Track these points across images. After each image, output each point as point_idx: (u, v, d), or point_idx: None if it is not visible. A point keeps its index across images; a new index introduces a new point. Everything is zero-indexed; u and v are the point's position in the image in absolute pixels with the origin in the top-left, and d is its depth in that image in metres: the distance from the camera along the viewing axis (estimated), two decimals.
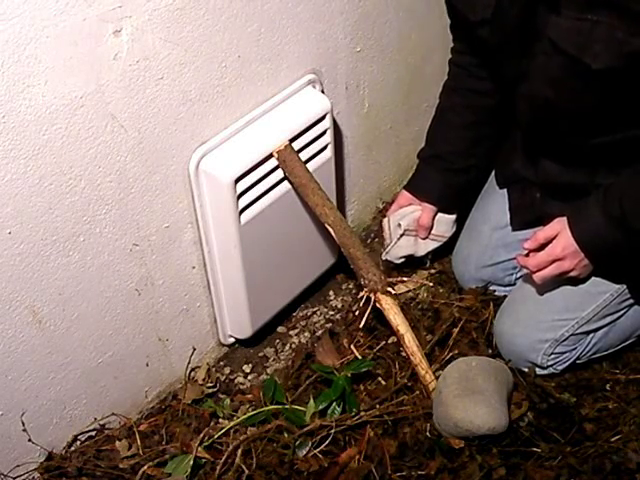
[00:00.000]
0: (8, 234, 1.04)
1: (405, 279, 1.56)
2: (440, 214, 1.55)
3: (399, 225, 1.53)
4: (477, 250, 1.54)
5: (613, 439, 1.30)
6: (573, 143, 1.25)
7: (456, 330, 1.48)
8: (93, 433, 1.34)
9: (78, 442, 1.33)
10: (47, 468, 1.27)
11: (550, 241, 1.26)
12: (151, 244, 1.26)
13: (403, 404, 1.33)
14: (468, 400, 1.23)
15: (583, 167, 1.29)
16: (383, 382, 1.42)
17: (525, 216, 1.45)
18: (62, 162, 1.05)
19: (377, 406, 1.33)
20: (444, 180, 1.50)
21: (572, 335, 1.36)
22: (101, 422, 1.35)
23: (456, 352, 1.43)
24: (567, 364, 1.40)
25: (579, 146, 1.25)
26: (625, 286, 1.33)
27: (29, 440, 1.23)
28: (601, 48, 1.06)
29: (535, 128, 1.31)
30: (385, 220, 1.57)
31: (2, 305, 1.09)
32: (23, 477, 1.25)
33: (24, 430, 1.22)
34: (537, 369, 1.40)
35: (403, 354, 1.41)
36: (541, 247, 1.27)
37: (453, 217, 1.58)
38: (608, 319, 1.37)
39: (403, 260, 1.59)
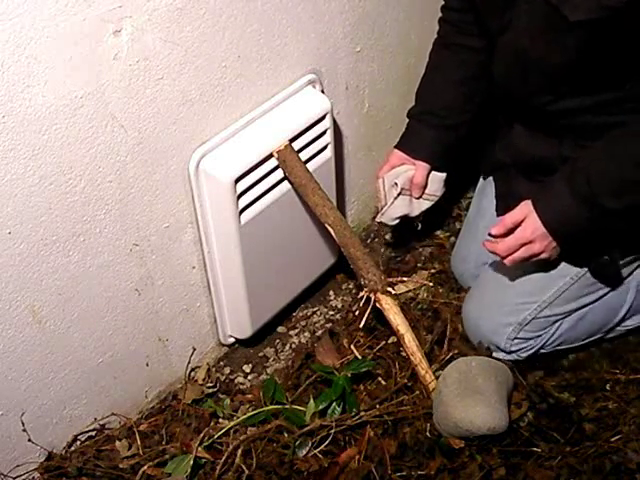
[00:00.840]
0: (8, 234, 1.04)
1: (405, 279, 1.56)
2: (432, 173, 1.52)
3: (395, 184, 1.49)
4: (475, 248, 1.54)
5: (613, 439, 1.31)
6: (541, 105, 1.23)
7: (455, 329, 1.48)
8: (93, 433, 1.34)
9: (78, 442, 1.33)
10: (47, 468, 1.27)
11: (519, 224, 1.24)
12: (151, 244, 1.26)
13: (403, 404, 1.33)
14: (468, 400, 1.23)
15: (549, 137, 1.28)
16: (383, 382, 1.42)
17: (507, 201, 1.44)
18: (62, 162, 1.05)
19: (377, 406, 1.33)
20: (437, 136, 1.47)
21: (534, 319, 1.38)
22: (101, 422, 1.35)
23: (456, 352, 1.43)
24: (531, 352, 1.42)
25: (547, 110, 1.23)
26: (586, 270, 1.33)
27: (29, 440, 1.23)
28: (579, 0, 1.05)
29: (506, 84, 1.28)
30: (380, 181, 1.51)
31: (2, 305, 1.09)
32: (23, 477, 1.25)
33: (24, 430, 1.22)
34: (501, 354, 1.42)
35: (403, 354, 1.41)
36: (510, 231, 1.25)
37: (444, 175, 1.54)
38: (572, 305, 1.38)
39: (397, 222, 1.54)
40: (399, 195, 1.50)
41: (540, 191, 1.23)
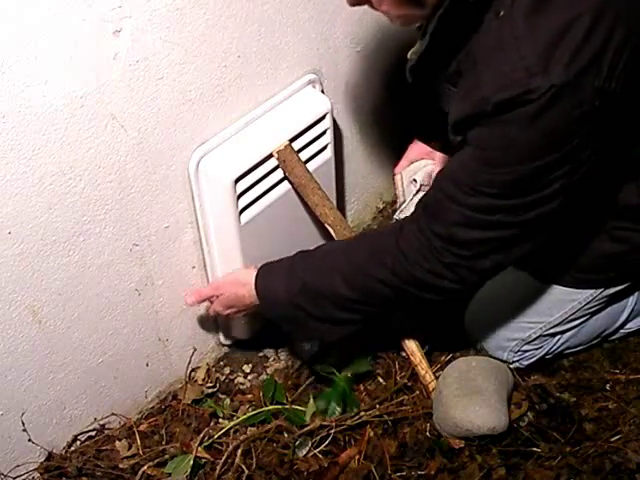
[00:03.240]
0: (8, 234, 1.04)
1: None
2: None
3: (414, 181, 1.45)
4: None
5: (613, 439, 1.31)
6: None
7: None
8: (93, 433, 1.34)
9: (78, 442, 1.33)
10: (47, 468, 1.27)
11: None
12: (151, 244, 1.26)
13: (403, 404, 1.34)
14: (468, 400, 1.23)
15: None
16: (383, 382, 1.42)
17: None
18: (62, 162, 1.05)
19: (377, 406, 1.33)
20: None
21: (540, 336, 1.38)
22: (101, 422, 1.35)
23: (456, 352, 1.43)
24: (533, 360, 1.42)
25: None
26: (593, 295, 1.33)
27: (29, 440, 1.23)
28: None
29: None
30: (397, 177, 1.48)
31: (2, 305, 1.09)
32: (23, 477, 1.25)
33: (24, 430, 1.22)
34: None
35: (403, 354, 1.41)
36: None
37: None
38: (576, 322, 1.38)
39: None
40: (418, 192, 1.46)
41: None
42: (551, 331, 1.38)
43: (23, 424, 1.21)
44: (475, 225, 1.02)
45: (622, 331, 1.48)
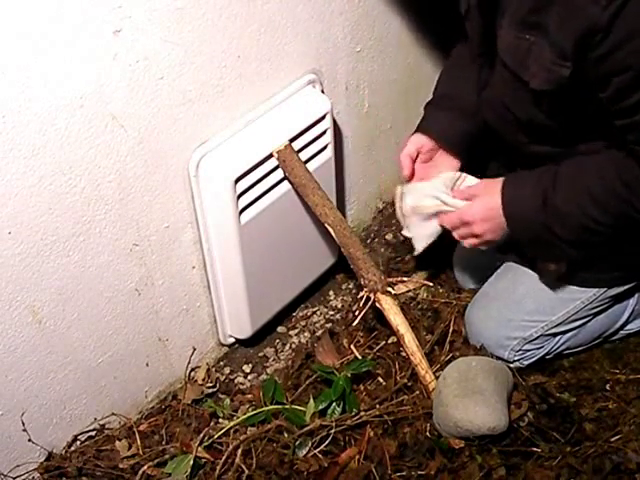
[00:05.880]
0: (8, 234, 1.04)
1: (405, 279, 1.56)
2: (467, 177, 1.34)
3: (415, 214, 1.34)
4: (476, 254, 1.54)
5: (613, 439, 1.31)
6: (540, 152, 1.24)
7: (455, 329, 1.48)
8: (93, 433, 1.34)
9: (78, 442, 1.33)
10: (47, 468, 1.27)
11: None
12: (151, 244, 1.26)
13: (403, 404, 1.34)
14: (468, 400, 1.23)
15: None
16: (383, 382, 1.42)
17: None
18: (62, 162, 1.05)
19: (377, 406, 1.33)
20: (455, 119, 1.36)
21: (541, 336, 1.38)
22: (101, 422, 1.35)
23: (456, 352, 1.43)
24: (533, 359, 1.42)
25: (547, 155, 1.23)
26: (597, 295, 1.33)
27: (29, 440, 1.23)
28: (536, 68, 1.07)
29: (501, 135, 1.29)
30: (398, 191, 1.36)
31: (2, 305, 1.09)
32: (23, 477, 1.25)
33: (24, 430, 1.22)
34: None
35: (403, 354, 1.41)
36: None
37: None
38: (578, 323, 1.39)
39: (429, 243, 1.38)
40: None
41: (515, 175, 1.23)
42: (552, 331, 1.38)
43: (23, 424, 1.21)
44: None
45: (622, 332, 1.48)
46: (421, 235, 1.37)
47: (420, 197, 1.32)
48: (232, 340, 1.53)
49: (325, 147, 1.40)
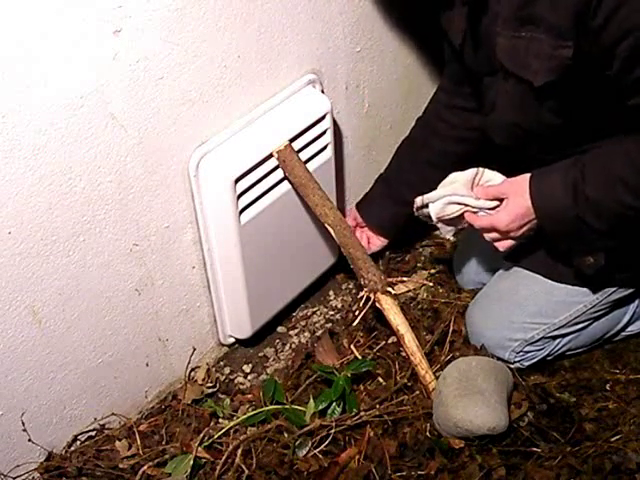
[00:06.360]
0: (8, 234, 1.04)
1: (405, 279, 1.56)
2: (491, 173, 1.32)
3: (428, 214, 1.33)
4: (477, 255, 1.55)
5: (613, 439, 1.31)
6: (547, 160, 1.23)
7: (455, 329, 1.48)
8: (93, 433, 1.34)
9: (78, 442, 1.33)
10: (47, 468, 1.27)
11: (500, 200, 1.24)
12: (151, 244, 1.26)
13: (403, 404, 1.34)
14: (468, 400, 1.23)
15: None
16: (383, 382, 1.42)
17: None
18: (62, 162, 1.05)
19: (377, 406, 1.33)
20: (396, 212, 1.53)
21: (542, 338, 1.38)
22: (101, 422, 1.35)
23: (456, 352, 1.43)
24: (534, 361, 1.42)
25: (545, 159, 1.23)
26: (599, 299, 1.33)
27: (29, 440, 1.23)
28: (537, 64, 1.07)
29: (507, 148, 1.29)
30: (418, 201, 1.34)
31: (2, 305, 1.09)
32: (23, 477, 1.25)
33: (24, 430, 1.22)
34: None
35: (403, 354, 1.41)
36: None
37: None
38: (579, 326, 1.39)
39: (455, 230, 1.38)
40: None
41: (540, 171, 1.22)
42: (554, 333, 1.38)
43: (23, 424, 1.21)
44: None
45: (623, 334, 1.48)
46: (450, 230, 1.36)
47: (443, 206, 1.30)
48: (232, 340, 1.53)
49: (325, 147, 1.40)
